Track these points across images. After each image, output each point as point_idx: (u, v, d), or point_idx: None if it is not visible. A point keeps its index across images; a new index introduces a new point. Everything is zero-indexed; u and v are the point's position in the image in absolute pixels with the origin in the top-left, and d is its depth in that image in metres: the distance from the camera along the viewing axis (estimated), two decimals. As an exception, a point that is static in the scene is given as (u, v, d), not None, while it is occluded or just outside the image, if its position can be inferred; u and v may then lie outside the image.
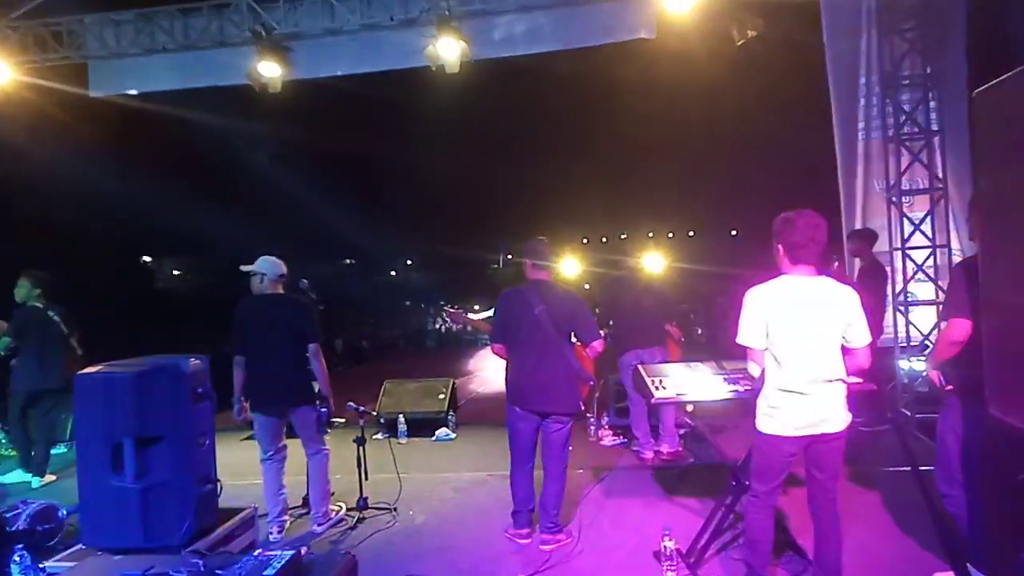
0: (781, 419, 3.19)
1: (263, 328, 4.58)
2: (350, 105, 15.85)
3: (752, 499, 3.39)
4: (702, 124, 17.16)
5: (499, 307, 4.59)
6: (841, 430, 3.19)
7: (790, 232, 3.19)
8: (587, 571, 3.93)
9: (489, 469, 5.73)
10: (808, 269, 3.21)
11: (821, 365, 3.14)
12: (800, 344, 3.14)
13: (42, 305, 6.10)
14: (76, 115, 9.61)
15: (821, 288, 3.19)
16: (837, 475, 3.32)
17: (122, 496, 3.25)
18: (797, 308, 3.15)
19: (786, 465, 3.29)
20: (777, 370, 3.19)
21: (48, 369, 6.03)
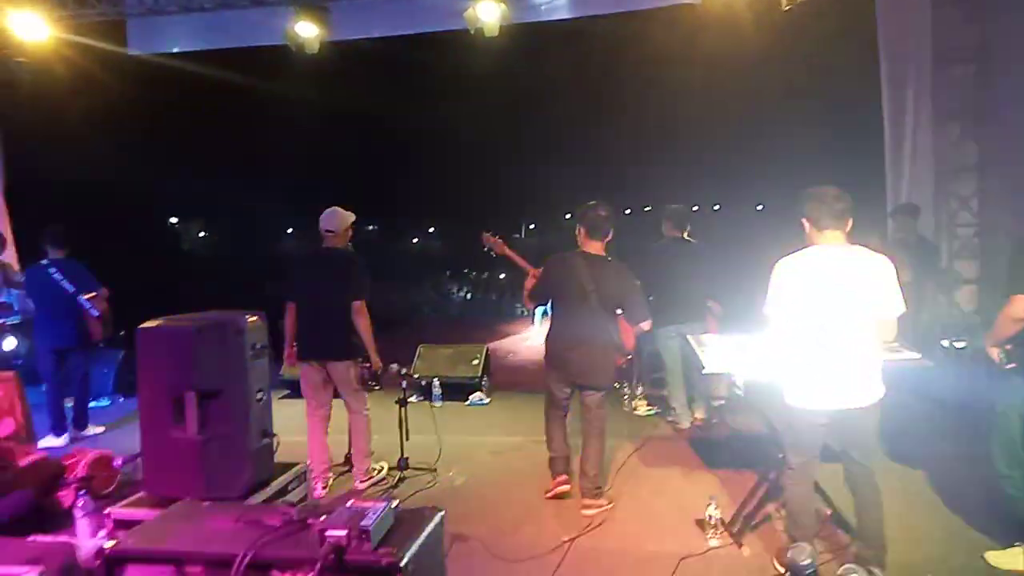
0: (808, 391, 3.19)
1: (311, 279, 4.66)
2: (381, 68, 15.76)
3: (788, 471, 3.41)
4: (737, 94, 16.88)
5: (544, 271, 4.59)
6: (871, 403, 3.16)
7: (815, 203, 3.19)
8: (630, 537, 3.98)
9: (525, 434, 5.77)
10: (838, 239, 3.19)
11: (849, 336, 3.12)
12: (828, 315, 3.12)
13: (45, 263, 6.06)
14: (110, 73, 9.63)
15: (852, 258, 3.16)
16: (871, 449, 3.31)
17: (184, 447, 3.32)
18: (826, 278, 3.13)
19: (818, 438, 3.29)
20: (804, 341, 3.18)
21: (60, 327, 6.01)
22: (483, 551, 3.75)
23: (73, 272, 6.02)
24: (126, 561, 1.90)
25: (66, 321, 6.00)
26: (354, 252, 4.82)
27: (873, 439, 3.30)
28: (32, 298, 6.23)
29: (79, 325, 6.03)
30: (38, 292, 6.10)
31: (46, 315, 6.08)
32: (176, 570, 1.88)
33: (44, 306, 6.08)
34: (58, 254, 6.06)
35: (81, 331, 6.05)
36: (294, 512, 1.97)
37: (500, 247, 4.95)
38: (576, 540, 3.92)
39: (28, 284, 6.24)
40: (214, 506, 2.24)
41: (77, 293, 5.99)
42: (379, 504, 1.91)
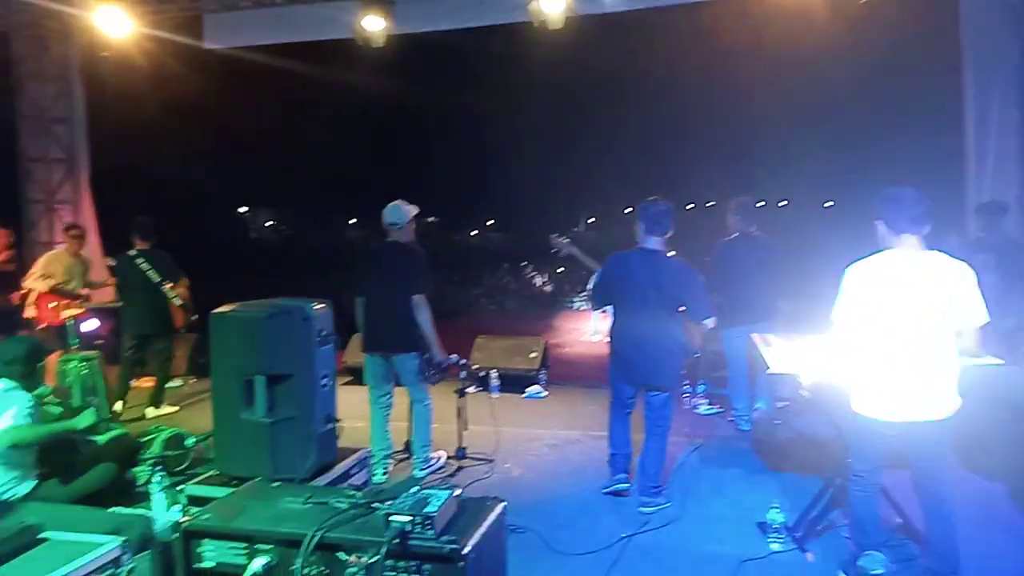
0: (876, 401, 3.07)
1: (375, 273, 4.73)
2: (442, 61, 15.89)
3: (854, 478, 3.30)
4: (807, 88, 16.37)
5: (603, 271, 4.55)
6: (944, 417, 3.00)
7: (892, 206, 3.04)
8: (689, 536, 3.92)
9: (583, 429, 5.77)
10: (913, 243, 3.04)
11: (922, 345, 2.98)
12: (901, 324, 2.98)
13: (133, 253, 6.32)
14: (187, 67, 9.98)
15: (928, 265, 3.00)
16: (943, 462, 3.15)
17: (253, 429, 3.42)
18: (900, 286, 2.99)
19: (884, 447, 3.17)
20: (874, 349, 3.05)
21: (145, 315, 6.28)
22: (539, 543, 3.76)
23: (159, 262, 6.30)
24: (203, 535, 1.98)
25: (151, 309, 6.28)
26: (416, 246, 4.87)
27: (944, 452, 3.15)
28: (120, 286, 6.50)
29: (162, 313, 6.30)
30: (125, 280, 6.39)
31: (132, 302, 6.37)
32: (249, 547, 1.94)
33: (130, 293, 6.37)
34: (145, 245, 6.35)
35: (164, 319, 6.32)
36: (360, 496, 2.01)
37: (567, 247, 4.93)
38: (633, 537, 3.89)
39: (117, 273, 6.52)
40: (283, 487, 2.31)
41: (162, 283, 6.26)
42: (443, 492, 1.93)
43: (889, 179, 3.23)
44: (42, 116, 8.87)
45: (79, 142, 9.07)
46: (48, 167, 8.95)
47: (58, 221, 8.91)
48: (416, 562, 1.85)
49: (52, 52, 8.79)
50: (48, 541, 2.19)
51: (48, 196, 8.96)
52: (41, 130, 8.88)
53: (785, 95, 17.58)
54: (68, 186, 9.05)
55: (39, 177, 8.94)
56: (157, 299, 6.27)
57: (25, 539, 2.14)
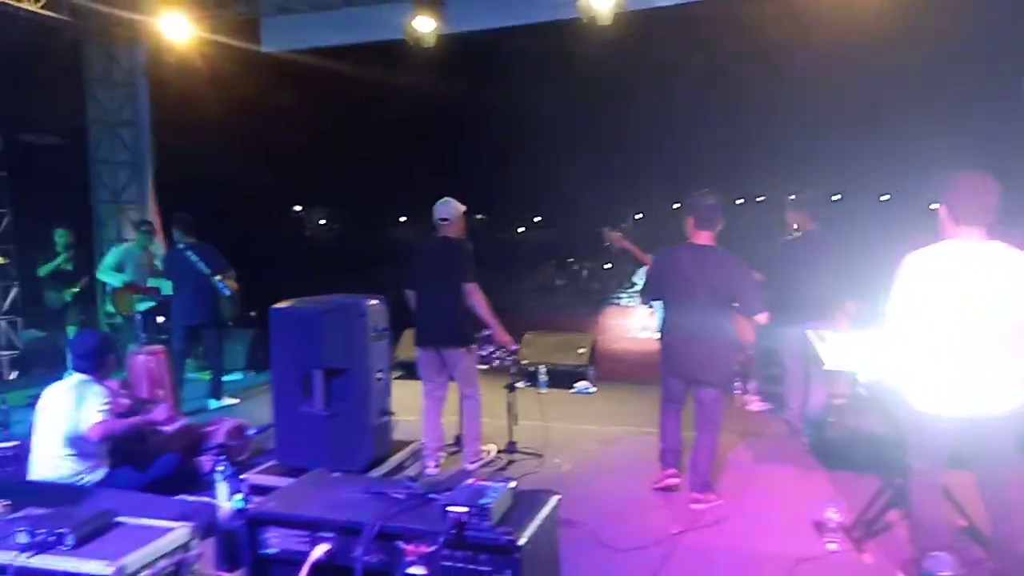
0: (935, 396, 2.97)
1: (426, 268, 4.81)
2: (490, 59, 15.96)
3: (915, 477, 3.21)
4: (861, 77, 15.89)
5: (652, 266, 4.53)
6: (1009, 412, 2.90)
7: (956, 191, 2.93)
8: (741, 535, 3.88)
9: (632, 425, 5.75)
10: (975, 233, 2.92)
11: (981, 338, 2.86)
12: (961, 315, 2.88)
13: (182, 246, 6.52)
14: (244, 70, 10.28)
15: (989, 254, 2.88)
16: (1008, 460, 3.03)
17: (311, 421, 3.53)
18: (959, 276, 2.88)
19: (946, 445, 3.07)
20: (933, 343, 2.96)
21: (195, 306, 6.46)
22: (589, 538, 3.77)
23: (207, 255, 6.48)
24: (267, 523, 2.06)
25: (200, 300, 6.46)
26: (464, 240, 4.93)
27: (1010, 449, 3.05)
28: (170, 279, 6.74)
29: (212, 304, 6.48)
30: (175, 273, 6.60)
31: (182, 294, 6.56)
32: (311, 534, 2.02)
33: (180, 286, 6.56)
34: (189, 239, 6.54)
35: (213, 310, 6.50)
36: (417, 487, 2.06)
37: (620, 241, 4.92)
38: (685, 534, 3.87)
39: (167, 266, 6.76)
40: (343, 477, 2.38)
41: (212, 274, 6.42)
42: (499, 484, 1.97)
43: (947, 170, 3.09)
44: (110, 120, 9.25)
45: (144, 144, 9.43)
46: (116, 169, 9.34)
47: (125, 220, 9.29)
48: (473, 552, 1.89)
49: (119, 58, 9.17)
50: (123, 525, 2.31)
51: (116, 196, 9.34)
52: (109, 133, 9.27)
53: (837, 84, 17.09)
54: (134, 186, 9.43)
55: (107, 178, 9.33)
56: (206, 291, 6.44)
57: (102, 523, 2.26)
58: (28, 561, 2.07)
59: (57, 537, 2.12)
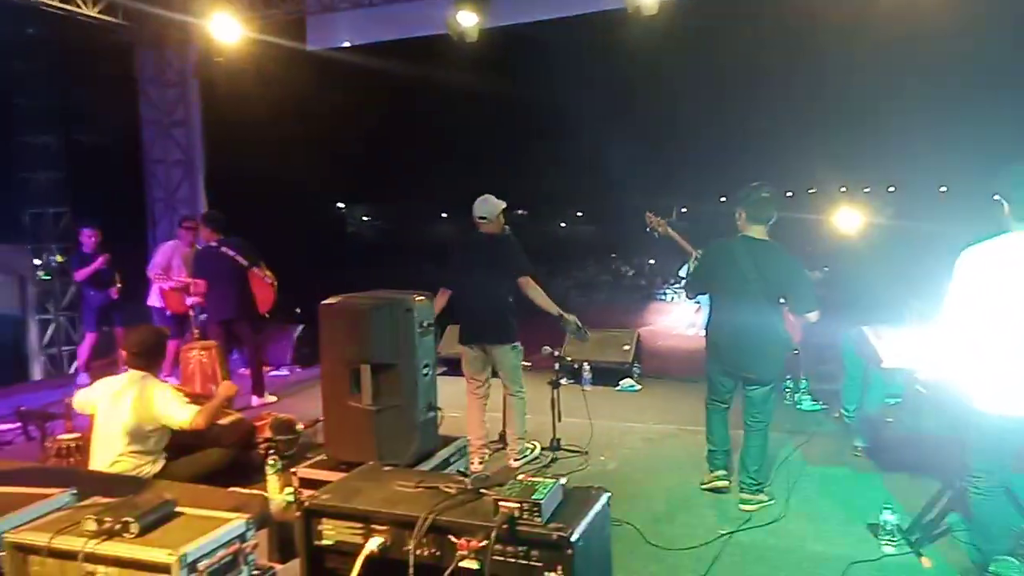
0: (997, 395, 2.86)
1: (470, 264, 4.80)
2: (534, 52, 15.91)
3: (976, 480, 3.10)
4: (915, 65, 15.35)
5: (702, 259, 4.46)
6: None
7: (1018, 183, 2.82)
8: (793, 535, 3.80)
9: (678, 423, 5.68)
10: None
11: None
12: (1017, 310, 2.77)
13: (215, 243, 6.56)
14: (289, 68, 10.45)
15: None
16: None
17: (359, 416, 3.56)
18: (1016, 269, 2.77)
19: (1010, 446, 2.95)
20: (995, 339, 2.84)
21: (229, 300, 6.48)
22: (636, 537, 3.74)
23: (244, 248, 6.52)
24: (322, 515, 2.09)
25: (235, 294, 6.46)
26: (509, 234, 4.91)
27: None
28: (203, 276, 6.69)
29: (246, 298, 6.49)
30: (208, 270, 6.57)
31: (217, 290, 6.54)
32: (365, 526, 2.04)
33: (215, 282, 6.54)
34: (219, 236, 6.57)
35: (247, 303, 6.50)
36: (468, 482, 2.07)
37: (663, 227, 4.83)
38: (734, 534, 3.81)
39: (198, 263, 6.74)
40: (395, 471, 2.40)
41: (251, 266, 6.48)
42: (549, 480, 1.96)
43: (1011, 161, 2.98)
44: (163, 120, 9.51)
45: (195, 143, 9.67)
46: (169, 168, 9.60)
47: (177, 218, 9.55)
48: (525, 547, 1.88)
49: (171, 60, 9.41)
50: (183, 515, 2.37)
51: (169, 195, 9.60)
52: (162, 133, 9.53)
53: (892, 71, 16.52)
54: (186, 185, 9.68)
55: (161, 177, 9.60)
56: (242, 285, 6.47)
57: (164, 513, 2.32)
58: (96, 548, 2.14)
59: (123, 525, 2.18)
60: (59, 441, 4.49)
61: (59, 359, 8.72)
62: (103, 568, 2.16)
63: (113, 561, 2.14)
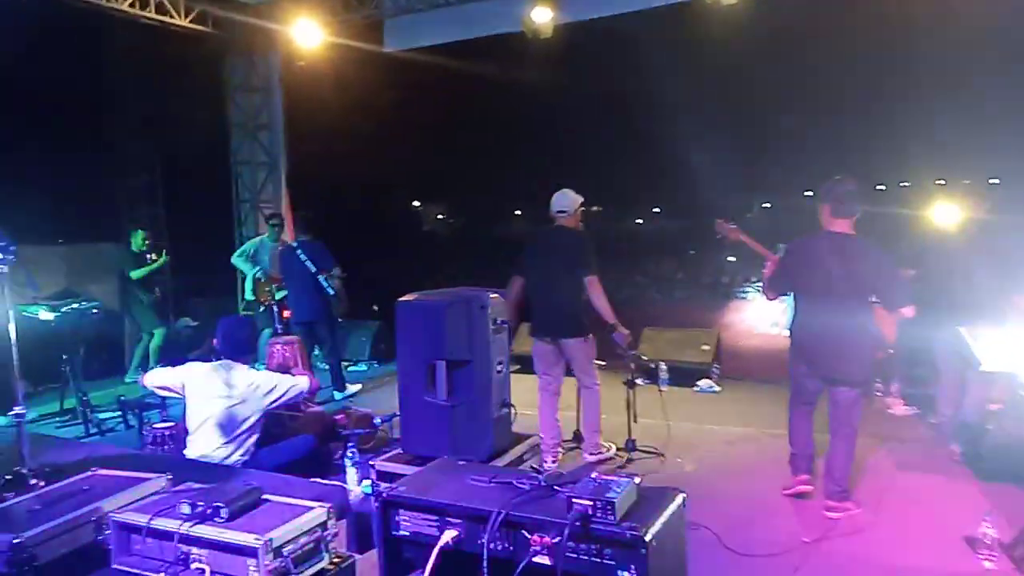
0: None
1: (543, 258, 4.81)
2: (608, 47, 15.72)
3: None
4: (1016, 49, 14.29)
5: (784, 256, 4.30)
6: None
7: None
8: (881, 546, 3.63)
9: (760, 426, 5.51)
10: None
11: None
12: None
13: (295, 244, 6.75)
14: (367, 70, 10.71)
15: None
16: None
17: (434, 411, 3.62)
18: None
19: None
20: None
21: (307, 302, 6.65)
22: (714, 542, 3.64)
23: (315, 253, 6.63)
24: (399, 506, 2.13)
25: (311, 296, 6.63)
26: (582, 231, 4.89)
27: None
28: (283, 276, 6.98)
29: (323, 300, 6.64)
30: (288, 270, 6.81)
31: (295, 291, 6.80)
32: (440, 519, 2.07)
33: (293, 282, 6.78)
34: (305, 236, 6.77)
35: (323, 306, 6.67)
36: (541, 478, 2.07)
37: (734, 234, 4.68)
38: (818, 543, 3.66)
39: (281, 263, 6.96)
40: (469, 466, 2.42)
41: (317, 273, 6.61)
42: (623, 479, 1.94)
43: None
44: (248, 124, 9.91)
45: (278, 146, 10.05)
46: (254, 169, 10.00)
47: (262, 218, 9.94)
48: (598, 546, 1.87)
49: (257, 66, 9.80)
50: (269, 502, 2.46)
51: (254, 195, 10.01)
52: (248, 137, 9.94)
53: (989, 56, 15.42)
54: (270, 185, 10.06)
55: (247, 179, 10.01)
56: (314, 288, 6.61)
57: (251, 499, 2.42)
58: (190, 530, 2.26)
59: (214, 510, 2.29)
60: (155, 429, 4.75)
61: (155, 351, 9.23)
62: (196, 549, 2.27)
63: (205, 543, 2.25)
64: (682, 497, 2.03)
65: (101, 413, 6.10)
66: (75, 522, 2.69)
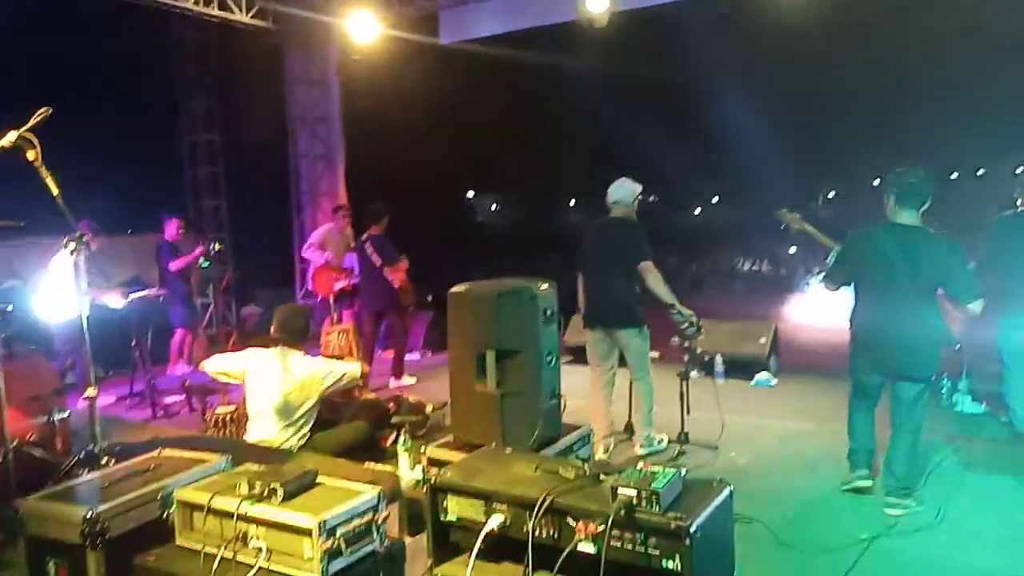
0: None
1: (596, 249, 4.80)
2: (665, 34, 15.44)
3: None
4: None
5: (845, 247, 4.17)
6: None
7: None
8: (944, 547, 3.49)
9: (818, 421, 5.37)
10: None
11: None
12: None
13: (364, 237, 6.94)
14: (422, 62, 10.81)
15: None
16: None
17: (484, 400, 3.64)
18: None
19: None
20: None
21: (375, 293, 6.93)
22: (768, 537, 3.58)
23: (381, 247, 6.85)
24: (447, 491, 2.17)
25: (379, 287, 6.89)
26: (636, 220, 4.85)
27: None
28: (358, 267, 7.26)
29: (391, 291, 6.89)
30: (360, 262, 7.11)
31: (365, 282, 7.08)
32: (487, 505, 2.09)
33: (363, 274, 7.08)
34: (375, 230, 6.95)
35: (392, 297, 6.92)
36: (587, 467, 2.07)
37: (797, 222, 4.55)
38: (876, 540, 3.55)
39: (356, 253, 7.23)
40: (515, 453, 2.44)
41: (382, 266, 6.83)
42: (669, 469, 1.93)
43: None
44: (307, 117, 10.15)
45: (335, 138, 10.26)
46: (312, 161, 10.24)
47: (319, 210, 10.17)
48: (642, 534, 1.86)
49: (315, 60, 10.01)
50: (323, 485, 2.54)
51: (312, 187, 10.25)
52: (306, 130, 10.17)
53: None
54: (327, 178, 10.29)
55: (305, 171, 10.26)
56: (382, 280, 6.84)
57: (306, 481, 2.50)
58: (248, 509, 2.35)
59: (270, 491, 2.37)
60: (217, 413, 4.93)
61: (218, 338, 9.56)
62: (254, 527, 2.36)
63: (262, 522, 2.34)
64: (729, 490, 2.00)
65: (167, 397, 6.37)
66: (142, 499, 2.83)
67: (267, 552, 2.32)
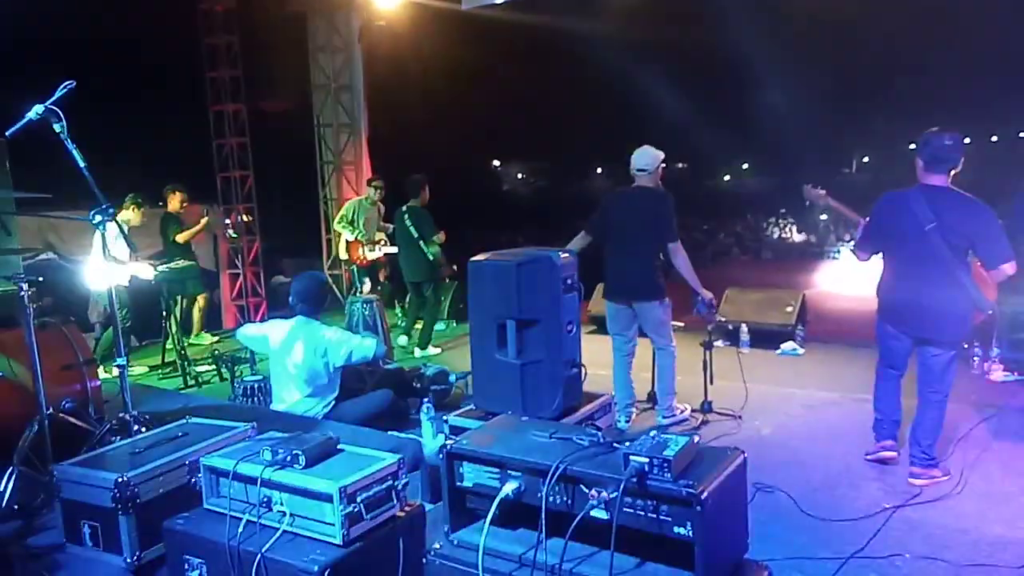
0: None
1: (621, 218, 4.73)
2: (698, 1, 15.09)
3: None
4: None
5: (874, 212, 4.06)
6: None
7: None
8: (970, 516, 3.46)
9: (843, 390, 5.31)
10: None
11: None
12: None
13: (403, 209, 7.07)
14: (443, 28, 10.70)
15: None
16: None
17: (505, 369, 3.67)
18: None
19: None
20: None
21: (410, 265, 7.08)
22: (790, 506, 3.57)
23: (418, 220, 6.95)
24: (463, 458, 2.20)
25: (417, 259, 7.03)
26: (664, 192, 4.76)
27: None
28: (395, 238, 7.34)
29: (425, 263, 7.03)
30: (399, 233, 7.13)
31: (404, 253, 7.17)
32: (501, 471, 2.12)
33: (401, 246, 7.18)
34: (415, 202, 7.04)
35: (427, 268, 7.06)
36: (601, 435, 2.08)
37: (823, 199, 4.44)
38: (900, 509, 3.53)
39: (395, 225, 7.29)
40: (531, 421, 2.46)
41: (420, 239, 6.93)
42: (681, 437, 1.93)
43: None
44: (331, 86, 10.12)
45: (359, 107, 10.23)
46: (337, 131, 10.24)
47: (344, 179, 10.19)
48: (654, 502, 1.88)
49: (339, 27, 9.95)
50: (344, 452, 2.60)
51: (336, 157, 10.26)
52: (330, 98, 10.15)
53: None
54: (351, 147, 10.29)
55: (330, 141, 10.27)
56: (419, 252, 6.99)
57: (328, 448, 2.56)
58: (271, 475, 2.42)
59: (293, 457, 2.44)
60: (245, 382, 5.04)
61: (247, 309, 9.72)
62: (277, 493, 2.42)
63: (286, 488, 2.41)
64: (743, 457, 2.00)
65: (198, 366, 6.51)
66: (171, 465, 2.93)
67: (290, 516, 2.38)
